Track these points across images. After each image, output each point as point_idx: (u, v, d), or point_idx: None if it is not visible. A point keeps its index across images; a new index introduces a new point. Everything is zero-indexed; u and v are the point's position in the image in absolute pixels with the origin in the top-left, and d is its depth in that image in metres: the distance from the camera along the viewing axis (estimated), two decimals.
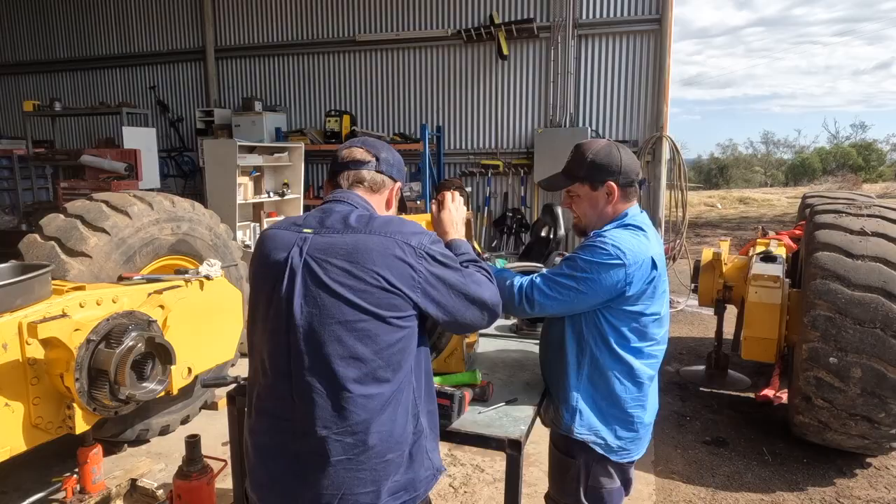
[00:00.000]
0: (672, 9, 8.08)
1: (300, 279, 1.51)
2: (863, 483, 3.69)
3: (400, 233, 1.54)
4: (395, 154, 1.82)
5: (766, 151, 39.30)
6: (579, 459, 2.05)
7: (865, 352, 3.29)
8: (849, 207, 3.89)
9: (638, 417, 2.03)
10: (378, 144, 1.79)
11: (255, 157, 6.68)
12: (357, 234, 1.53)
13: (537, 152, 8.61)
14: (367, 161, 1.73)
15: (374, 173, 1.73)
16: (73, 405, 2.65)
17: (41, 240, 3.47)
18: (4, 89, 12.26)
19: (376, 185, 1.73)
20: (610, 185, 1.98)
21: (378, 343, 1.49)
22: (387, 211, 1.77)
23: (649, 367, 2.04)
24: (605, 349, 1.98)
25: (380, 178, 1.74)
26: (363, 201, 1.68)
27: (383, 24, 9.34)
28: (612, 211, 2.02)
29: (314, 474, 1.50)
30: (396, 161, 1.81)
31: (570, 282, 1.90)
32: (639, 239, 1.94)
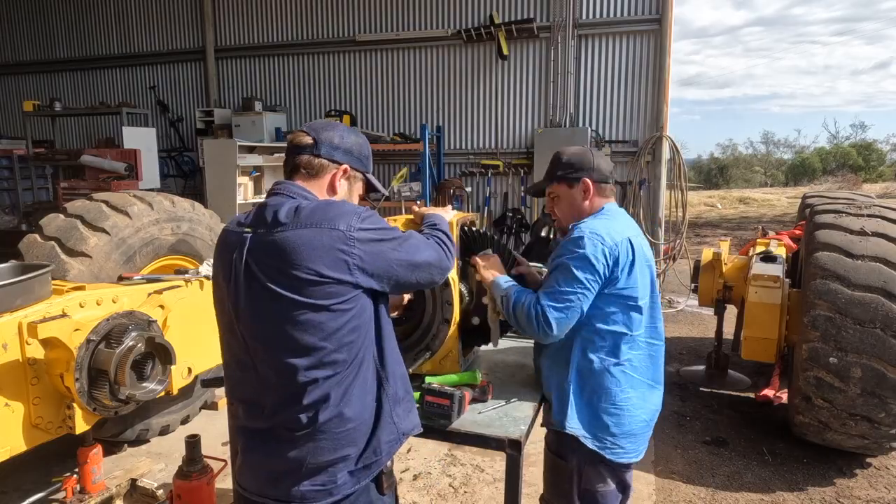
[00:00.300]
0: (672, 9, 8.08)
1: (242, 280, 1.55)
2: (863, 483, 3.69)
3: (326, 220, 1.52)
4: (349, 136, 1.73)
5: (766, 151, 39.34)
6: (572, 461, 2.05)
7: (865, 352, 3.29)
8: (849, 207, 3.89)
9: (630, 413, 2.03)
10: (323, 126, 1.72)
11: (255, 157, 6.69)
12: (286, 230, 1.51)
13: (537, 152, 8.60)
14: (305, 145, 1.67)
15: (310, 157, 1.66)
16: (73, 405, 2.65)
17: (41, 240, 3.47)
18: (4, 89, 12.25)
19: (313, 170, 1.67)
20: (585, 182, 2.11)
21: (324, 330, 1.51)
22: (332, 195, 1.70)
23: (642, 360, 2.05)
24: (594, 339, 2.01)
25: (317, 163, 1.67)
26: (301, 190, 1.64)
27: (383, 24, 9.34)
28: (590, 206, 2.13)
29: (280, 447, 1.57)
30: (346, 143, 1.71)
31: (571, 286, 1.96)
32: (611, 223, 2.05)
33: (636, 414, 2.04)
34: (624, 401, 2.02)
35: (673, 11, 8.10)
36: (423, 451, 3.96)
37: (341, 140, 1.70)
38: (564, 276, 1.97)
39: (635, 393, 2.04)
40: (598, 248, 1.96)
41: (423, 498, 3.51)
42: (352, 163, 1.72)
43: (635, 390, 2.04)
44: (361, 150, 1.76)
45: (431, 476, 3.72)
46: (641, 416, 2.07)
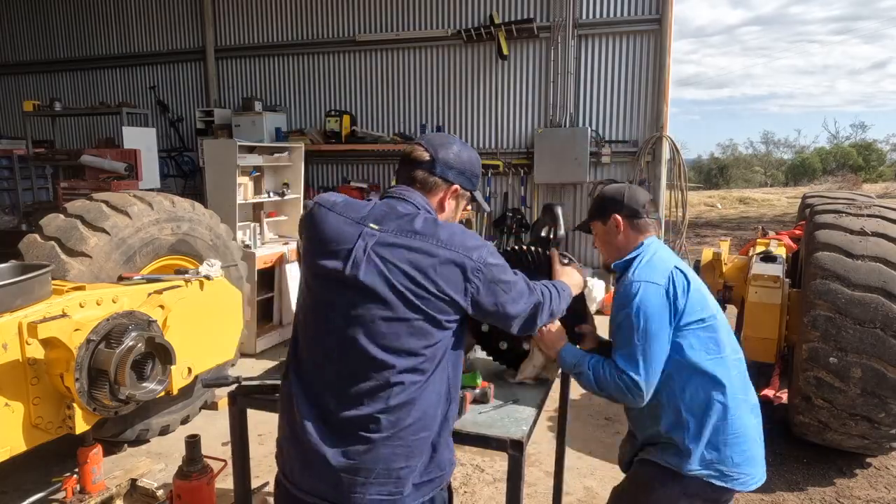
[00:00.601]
0: (672, 9, 8.08)
1: (364, 273, 1.58)
2: (863, 483, 3.69)
3: (464, 247, 1.61)
4: (463, 154, 1.79)
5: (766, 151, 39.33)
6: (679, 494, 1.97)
7: (865, 352, 3.29)
8: (849, 207, 3.89)
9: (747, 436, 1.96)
10: (441, 143, 1.78)
11: (255, 157, 6.67)
12: (423, 241, 1.59)
13: (537, 152, 8.61)
14: (423, 161, 1.74)
15: (426, 175, 1.74)
16: (73, 405, 2.65)
17: (41, 240, 3.47)
18: (4, 89, 12.25)
19: (427, 186, 1.74)
20: (615, 218, 2.12)
21: (429, 340, 1.59)
22: (440, 213, 1.77)
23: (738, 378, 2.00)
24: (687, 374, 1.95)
25: (432, 181, 1.74)
26: (424, 202, 1.72)
27: (383, 24, 9.34)
28: (625, 242, 2.13)
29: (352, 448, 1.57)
30: (461, 163, 1.78)
31: (639, 339, 1.92)
32: (653, 259, 2.04)
33: (751, 435, 1.99)
34: (739, 426, 1.96)
35: (673, 11, 8.10)
36: None
37: (456, 159, 1.77)
38: (631, 332, 1.93)
39: (743, 413, 1.98)
40: (653, 292, 1.93)
41: None
42: (462, 183, 1.79)
43: (742, 410, 1.98)
44: (473, 170, 1.82)
45: None
46: (755, 436, 2.01)
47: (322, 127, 9.45)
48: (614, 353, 1.98)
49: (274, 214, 7.12)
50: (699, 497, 1.96)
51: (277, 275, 6.36)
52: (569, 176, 8.51)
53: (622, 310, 1.96)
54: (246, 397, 2.29)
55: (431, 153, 1.74)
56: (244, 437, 2.36)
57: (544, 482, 3.58)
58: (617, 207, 2.12)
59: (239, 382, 2.33)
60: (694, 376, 1.94)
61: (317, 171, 9.90)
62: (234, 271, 4.27)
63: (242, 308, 3.74)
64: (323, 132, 9.34)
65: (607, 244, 2.18)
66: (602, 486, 3.60)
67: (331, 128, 9.19)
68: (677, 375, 1.95)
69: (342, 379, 1.61)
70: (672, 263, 2.02)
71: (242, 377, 2.40)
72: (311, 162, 9.34)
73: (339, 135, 9.11)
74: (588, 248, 8.77)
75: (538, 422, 2.16)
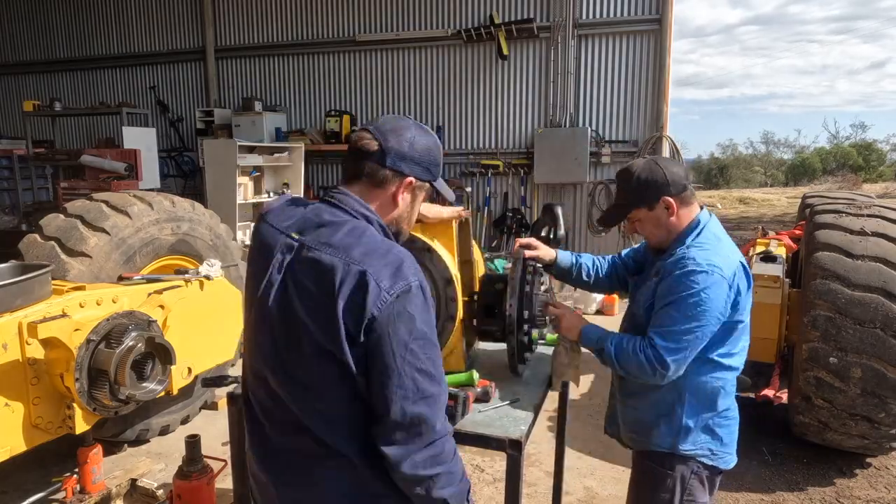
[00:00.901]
0: (672, 9, 8.08)
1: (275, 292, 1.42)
2: (863, 483, 3.69)
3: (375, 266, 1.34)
4: (420, 141, 1.52)
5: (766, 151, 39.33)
6: (677, 472, 2.00)
7: (865, 352, 3.29)
8: (849, 207, 3.89)
9: (735, 418, 2.05)
10: (392, 130, 1.50)
11: (255, 157, 6.69)
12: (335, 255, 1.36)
13: (537, 152, 8.61)
14: (370, 151, 1.48)
15: (374, 166, 1.49)
16: (73, 405, 2.65)
17: (41, 240, 3.47)
18: (4, 89, 12.25)
19: (377, 180, 1.50)
20: (666, 200, 1.96)
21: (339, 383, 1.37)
22: (391, 210, 1.54)
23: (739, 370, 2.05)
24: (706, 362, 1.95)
25: (381, 174, 1.49)
26: (359, 205, 1.48)
27: (383, 24, 9.34)
28: (678, 221, 1.99)
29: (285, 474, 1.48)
30: (415, 152, 1.51)
31: (690, 324, 1.83)
32: (721, 248, 1.92)
33: (735, 417, 2.06)
34: (731, 408, 2.01)
35: (673, 11, 8.11)
36: None
37: (410, 148, 1.50)
38: (685, 317, 1.83)
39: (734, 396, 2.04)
40: (719, 283, 1.83)
41: None
42: (419, 175, 1.53)
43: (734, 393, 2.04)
44: (432, 158, 1.55)
45: None
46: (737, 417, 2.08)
47: (322, 127, 9.45)
48: (653, 328, 1.89)
49: None
50: (695, 476, 2.01)
51: None
52: (569, 176, 8.52)
53: (683, 291, 1.83)
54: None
55: (380, 142, 1.47)
56: (243, 437, 2.36)
57: (544, 482, 3.58)
58: (664, 189, 1.95)
59: (238, 382, 2.33)
60: (707, 363, 1.95)
61: (317, 171, 9.91)
62: (234, 271, 4.27)
63: (243, 308, 3.74)
64: (323, 132, 9.34)
65: (656, 227, 2.01)
66: (602, 486, 3.60)
67: (331, 128, 9.19)
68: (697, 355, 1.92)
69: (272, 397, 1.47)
70: (738, 258, 1.93)
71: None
72: (311, 162, 9.34)
73: (339, 135, 9.11)
74: (588, 246, 8.77)
75: (538, 422, 2.16)
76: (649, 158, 2.05)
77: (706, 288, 1.82)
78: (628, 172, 2.01)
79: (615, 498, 3.51)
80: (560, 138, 8.51)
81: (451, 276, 2.17)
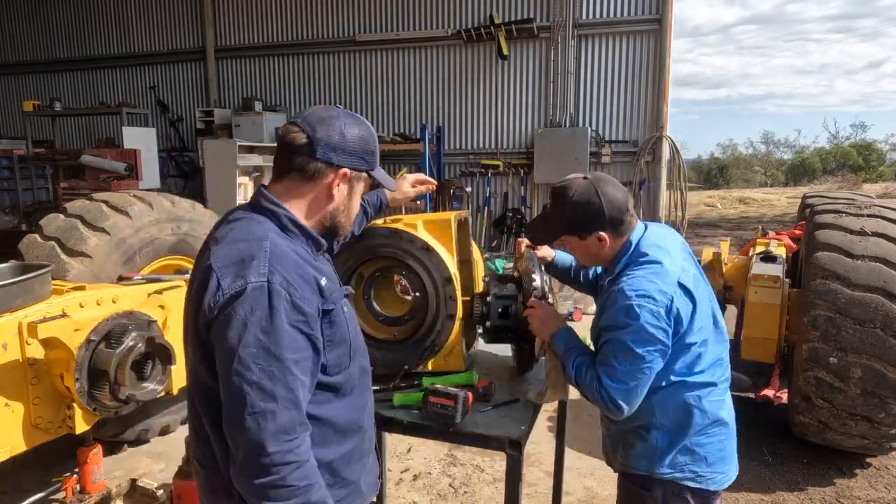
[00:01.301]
0: (672, 8, 8.08)
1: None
2: (863, 483, 3.69)
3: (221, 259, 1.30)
4: (351, 130, 1.45)
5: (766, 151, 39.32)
6: (657, 493, 1.89)
7: (865, 352, 3.29)
8: (849, 207, 3.89)
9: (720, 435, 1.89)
10: (320, 120, 1.44)
11: (255, 157, 6.69)
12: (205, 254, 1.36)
13: (537, 152, 8.61)
14: (299, 144, 1.41)
15: (304, 159, 1.41)
16: (73, 405, 2.65)
17: (41, 240, 3.47)
18: (4, 89, 12.26)
19: (308, 173, 1.42)
20: (598, 235, 1.83)
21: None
22: (328, 203, 1.47)
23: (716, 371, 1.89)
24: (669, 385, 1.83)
25: (312, 167, 1.41)
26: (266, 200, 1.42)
27: (383, 24, 9.34)
28: (611, 252, 1.88)
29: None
30: (347, 142, 1.44)
31: (632, 363, 1.74)
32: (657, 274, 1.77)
33: (726, 432, 1.91)
34: (712, 425, 1.86)
35: (673, 11, 8.11)
36: (423, 451, 3.96)
37: (341, 138, 1.43)
38: (624, 355, 1.73)
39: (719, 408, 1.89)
40: (653, 315, 1.70)
41: (423, 498, 3.51)
42: (354, 165, 1.46)
43: (719, 408, 1.88)
44: (366, 146, 1.49)
45: (431, 476, 3.71)
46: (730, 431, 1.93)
47: None
48: (599, 366, 1.79)
49: None
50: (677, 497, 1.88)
51: None
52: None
53: (616, 329, 1.74)
54: None
55: (308, 133, 1.41)
56: None
57: (544, 482, 3.58)
58: (599, 223, 1.82)
59: None
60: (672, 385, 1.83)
61: None
62: None
63: None
64: None
65: (587, 256, 1.93)
66: (602, 486, 3.60)
67: None
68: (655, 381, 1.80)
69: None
70: (677, 278, 1.78)
71: None
72: None
73: None
74: None
75: (538, 422, 2.16)
76: (590, 181, 1.83)
77: (639, 323, 1.70)
78: (565, 195, 1.84)
79: (615, 498, 3.51)
80: (560, 138, 8.51)
81: (451, 275, 2.18)
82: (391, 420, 2.06)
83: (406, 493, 3.56)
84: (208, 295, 1.25)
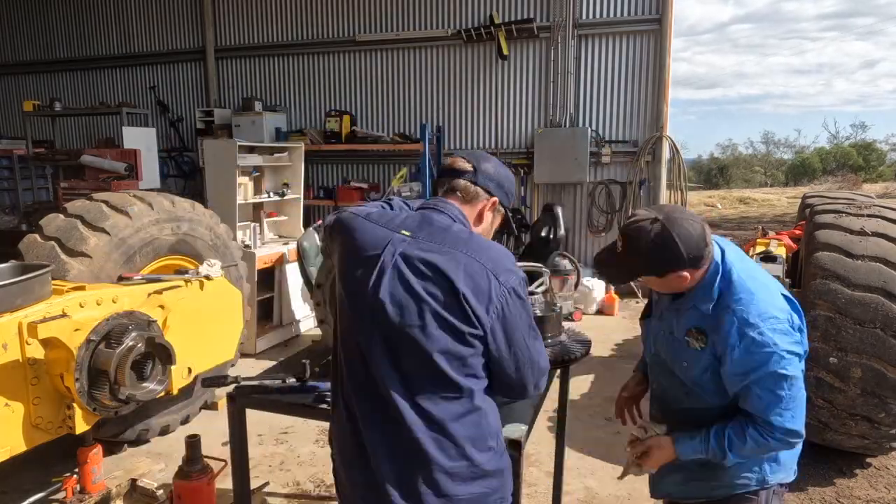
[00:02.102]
0: (672, 8, 8.08)
1: (388, 279, 1.55)
2: (863, 483, 3.69)
3: (492, 262, 1.56)
4: (501, 169, 1.80)
5: (766, 151, 39.32)
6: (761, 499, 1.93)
7: (865, 352, 3.29)
8: (849, 207, 3.89)
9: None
10: (481, 156, 1.80)
11: (255, 157, 6.68)
12: (454, 250, 1.56)
13: (537, 152, 8.61)
14: (465, 171, 1.75)
15: (467, 183, 1.74)
16: (73, 405, 2.65)
17: (41, 240, 3.47)
18: (4, 89, 12.25)
19: (469, 196, 1.74)
20: (679, 275, 1.74)
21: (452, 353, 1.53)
22: (477, 225, 1.76)
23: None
24: None
25: (473, 190, 1.74)
26: (459, 213, 1.71)
27: (383, 24, 9.33)
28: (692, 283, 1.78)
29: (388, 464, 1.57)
30: (500, 177, 1.78)
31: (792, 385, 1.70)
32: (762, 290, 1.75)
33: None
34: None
35: (673, 11, 8.10)
36: None
37: (496, 172, 1.78)
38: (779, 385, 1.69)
39: None
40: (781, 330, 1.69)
41: None
42: (501, 197, 1.79)
43: None
44: (510, 186, 1.83)
45: None
46: None
47: (322, 127, 9.44)
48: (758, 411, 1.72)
49: (274, 214, 7.13)
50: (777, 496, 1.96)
51: (277, 275, 6.36)
52: (569, 176, 8.52)
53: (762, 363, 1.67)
54: (245, 397, 2.29)
55: (473, 163, 1.75)
56: (243, 437, 2.36)
57: (544, 482, 3.58)
58: (677, 263, 1.72)
59: (238, 382, 2.33)
60: None
61: (317, 171, 9.90)
62: (234, 271, 4.27)
63: (242, 308, 3.74)
64: (323, 132, 9.33)
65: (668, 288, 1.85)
66: (602, 487, 3.60)
67: (331, 128, 9.19)
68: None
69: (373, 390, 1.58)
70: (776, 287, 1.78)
71: (241, 377, 2.40)
72: (311, 162, 9.34)
73: (339, 135, 9.11)
74: (587, 247, 8.77)
75: (538, 422, 2.16)
76: (662, 224, 1.71)
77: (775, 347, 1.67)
78: (639, 238, 1.73)
79: (615, 498, 3.51)
80: (560, 138, 8.51)
81: None
82: None
83: None
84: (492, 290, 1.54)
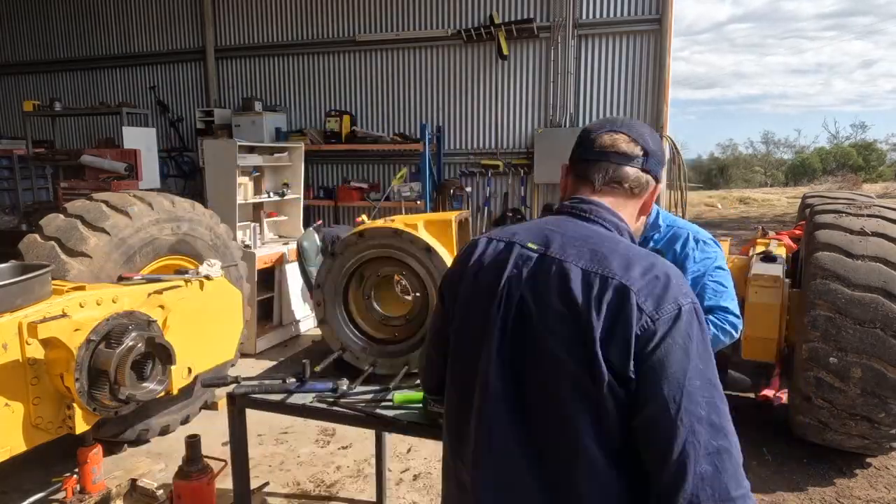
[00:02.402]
0: (672, 8, 8.08)
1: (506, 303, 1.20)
2: (863, 483, 3.69)
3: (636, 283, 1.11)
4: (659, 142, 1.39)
5: (766, 151, 39.31)
6: None
7: (865, 352, 3.29)
8: (849, 207, 3.89)
9: None
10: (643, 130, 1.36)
11: (255, 157, 6.68)
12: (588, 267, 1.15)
13: (537, 152, 8.61)
14: (635, 156, 1.31)
15: (639, 172, 1.32)
16: (73, 405, 2.65)
17: (41, 240, 3.47)
18: (4, 89, 12.25)
19: (638, 188, 1.33)
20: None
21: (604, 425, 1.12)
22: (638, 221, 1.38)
23: None
24: None
25: (645, 180, 1.33)
26: (614, 217, 1.29)
27: (383, 24, 9.33)
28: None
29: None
30: (662, 154, 1.38)
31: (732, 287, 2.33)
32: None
33: None
34: None
35: (673, 11, 8.10)
36: (423, 451, 3.96)
37: (659, 149, 1.36)
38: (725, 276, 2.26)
39: None
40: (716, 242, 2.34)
41: (424, 498, 3.51)
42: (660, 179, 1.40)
43: None
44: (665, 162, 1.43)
45: (431, 476, 3.71)
46: None
47: (322, 127, 9.44)
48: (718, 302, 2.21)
49: (274, 214, 7.13)
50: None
51: (277, 275, 6.36)
52: None
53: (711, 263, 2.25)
54: (245, 397, 2.29)
55: (643, 144, 1.32)
56: (243, 437, 2.37)
57: None
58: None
59: (238, 382, 2.33)
60: None
61: (317, 171, 9.90)
62: (234, 271, 4.27)
63: (242, 308, 3.74)
64: (323, 132, 9.34)
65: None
66: None
67: (331, 128, 9.19)
68: None
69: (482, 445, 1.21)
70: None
71: (241, 377, 2.41)
72: (311, 162, 9.34)
73: (340, 135, 9.11)
74: None
75: None
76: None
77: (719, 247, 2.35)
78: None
79: None
80: (560, 138, 8.50)
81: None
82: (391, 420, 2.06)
83: (406, 493, 3.56)
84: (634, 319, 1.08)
